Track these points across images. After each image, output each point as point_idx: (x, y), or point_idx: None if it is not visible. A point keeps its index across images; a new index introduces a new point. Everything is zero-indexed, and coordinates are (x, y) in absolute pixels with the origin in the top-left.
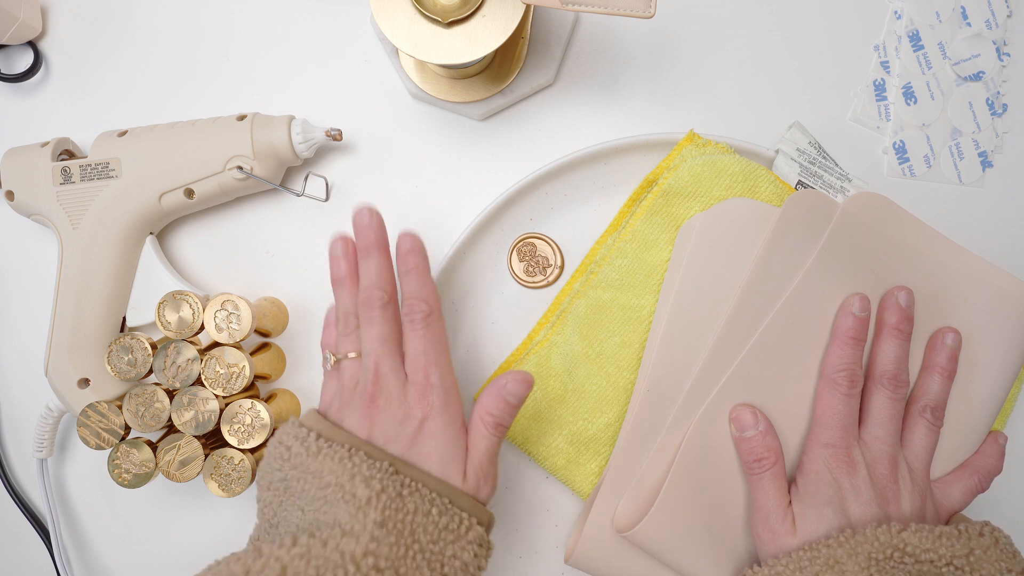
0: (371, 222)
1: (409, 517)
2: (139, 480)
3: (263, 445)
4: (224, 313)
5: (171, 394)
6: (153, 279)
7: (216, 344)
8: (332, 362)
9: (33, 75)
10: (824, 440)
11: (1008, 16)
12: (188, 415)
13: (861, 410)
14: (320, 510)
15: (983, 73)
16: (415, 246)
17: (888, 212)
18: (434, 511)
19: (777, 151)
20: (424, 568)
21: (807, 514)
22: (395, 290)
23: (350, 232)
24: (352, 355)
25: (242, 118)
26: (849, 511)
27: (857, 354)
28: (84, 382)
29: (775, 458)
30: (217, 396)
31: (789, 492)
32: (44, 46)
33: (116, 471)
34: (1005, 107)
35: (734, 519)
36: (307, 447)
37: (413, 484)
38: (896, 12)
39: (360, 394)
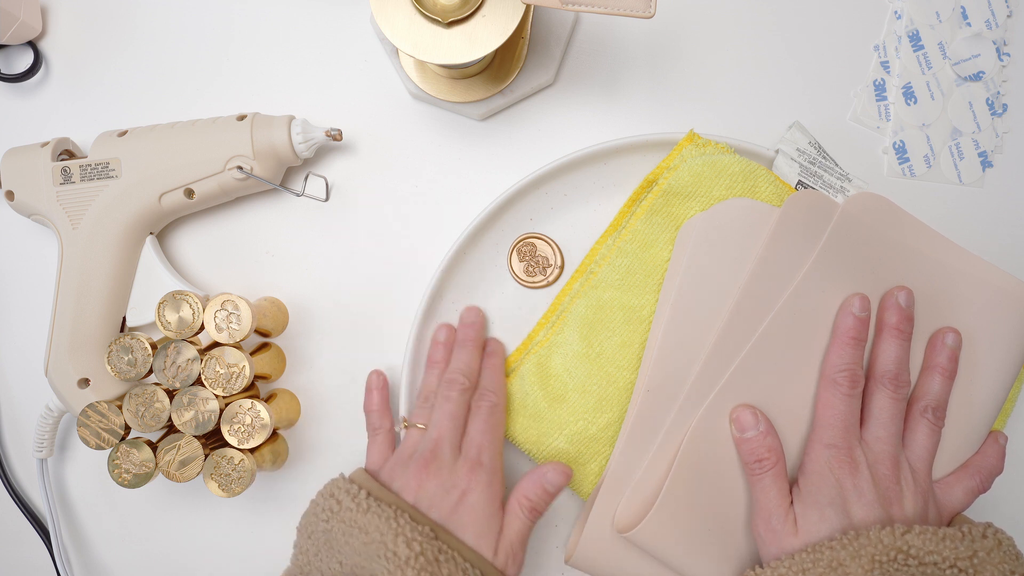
0: (474, 320)
1: None
2: (139, 480)
3: (263, 445)
4: (224, 313)
5: (171, 394)
6: (153, 279)
7: (216, 344)
8: (403, 427)
9: (33, 75)
10: (826, 440)
11: (1008, 16)
12: (188, 415)
13: (862, 410)
14: (359, 564)
15: (983, 73)
16: (478, 319)
17: (888, 212)
18: None
19: (777, 151)
20: None
21: (809, 515)
22: (476, 381)
23: (348, 232)
24: (421, 426)
25: (242, 118)
26: (852, 512)
27: (858, 354)
28: (84, 382)
29: (776, 458)
30: (217, 396)
31: (791, 493)
32: (44, 46)
33: (116, 471)
34: (1005, 107)
35: (735, 519)
36: (357, 503)
37: (449, 551)
38: (896, 12)
39: (416, 459)
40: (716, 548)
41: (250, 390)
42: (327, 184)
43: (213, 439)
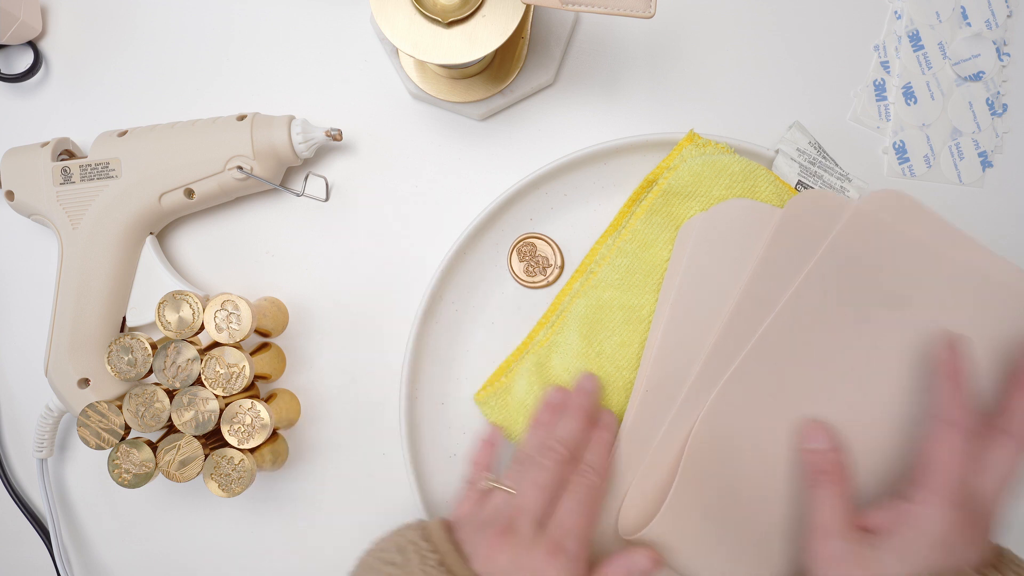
0: (591, 389)
1: None
2: (139, 480)
3: (263, 445)
4: (224, 313)
5: (171, 394)
6: (153, 279)
7: (216, 344)
8: (487, 486)
9: (33, 75)
10: (947, 495)
11: (1008, 16)
12: (188, 415)
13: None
14: None
15: (983, 73)
16: (595, 388)
17: (911, 210)
18: None
19: (777, 151)
20: None
21: (884, 559)
22: (578, 455)
23: (348, 232)
24: (509, 489)
25: (242, 118)
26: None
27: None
28: (84, 382)
29: (842, 473)
30: (217, 396)
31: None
32: (44, 46)
33: (116, 471)
34: (1005, 107)
35: (763, 527)
36: (424, 570)
37: None
38: (896, 12)
39: (494, 525)
40: (735, 553)
41: (250, 390)
42: (327, 184)
43: (213, 439)
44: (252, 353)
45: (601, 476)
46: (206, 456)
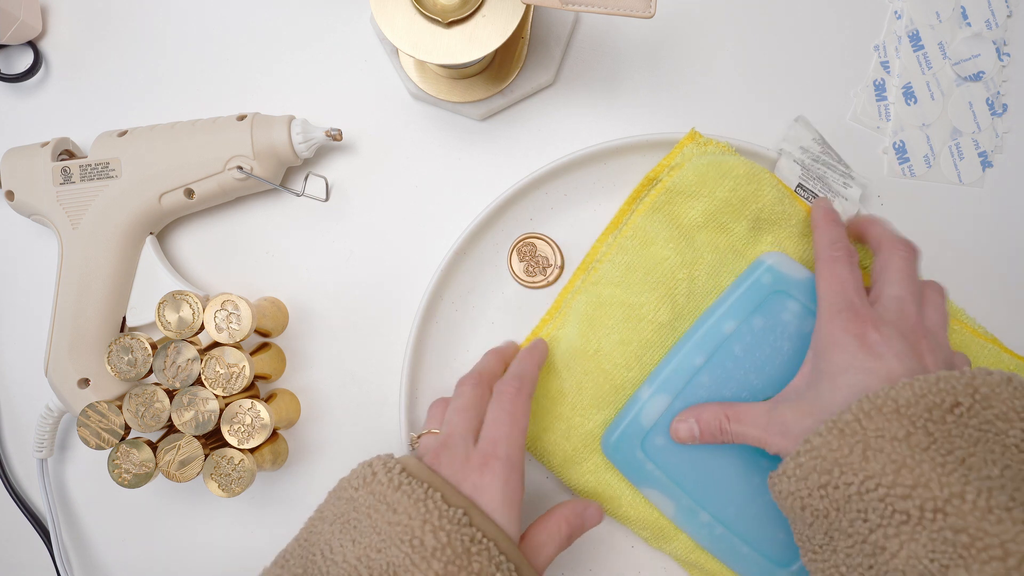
0: (508, 345)
1: None
2: (139, 480)
3: (263, 445)
4: (224, 313)
5: (171, 394)
6: (153, 279)
7: (216, 344)
8: (413, 438)
9: (33, 75)
10: (836, 307)
11: (1008, 16)
12: (188, 415)
13: (872, 280)
14: (375, 548)
15: (983, 73)
16: (538, 344)
17: None
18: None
19: (780, 152)
20: None
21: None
22: (493, 385)
23: (348, 232)
24: (435, 431)
25: (242, 118)
26: (887, 364)
27: (843, 231)
28: (84, 382)
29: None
30: (217, 396)
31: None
32: (44, 46)
33: (116, 471)
34: (1005, 107)
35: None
36: (390, 477)
37: (484, 541)
38: (896, 12)
39: (428, 451)
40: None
41: (250, 390)
42: (327, 184)
43: (213, 439)
44: (252, 353)
45: (524, 382)
46: (206, 456)
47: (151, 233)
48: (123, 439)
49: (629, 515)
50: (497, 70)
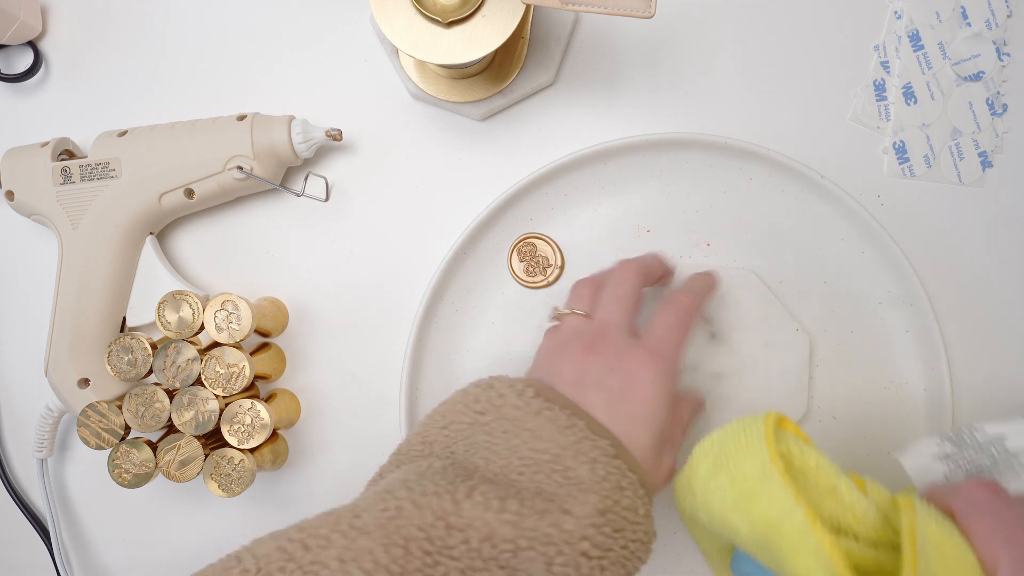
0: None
1: (624, 513)
2: (139, 480)
3: (263, 445)
4: (224, 313)
5: (171, 394)
6: (153, 279)
7: (216, 344)
8: (557, 314)
9: (33, 75)
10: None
11: (1008, 16)
12: (188, 415)
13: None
14: (517, 469)
15: (983, 73)
16: (712, 277)
17: None
18: (641, 510)
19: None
20: (619, 566)
21: None
22: (659, 280)
23: (348, 232)
24: (581, 312)
25: (242, 118)
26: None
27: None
28: (84, 382)
29: None
30: (217, 396)
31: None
32: (44, 46)
33: (116, 471)
34: (1005, 107)
35: None
36: (526, 401)
37: (631, 476)
38: (896, 12)
39: (578, 339)
40: None
41: (250, 390)
42: (327, 184)
43: (213, 439)
44: (252, 353)
45: (699, 298)
46: (206, 456)
47: (151, 233)
48: (123, 439)
49: None
50: (497, 70)
